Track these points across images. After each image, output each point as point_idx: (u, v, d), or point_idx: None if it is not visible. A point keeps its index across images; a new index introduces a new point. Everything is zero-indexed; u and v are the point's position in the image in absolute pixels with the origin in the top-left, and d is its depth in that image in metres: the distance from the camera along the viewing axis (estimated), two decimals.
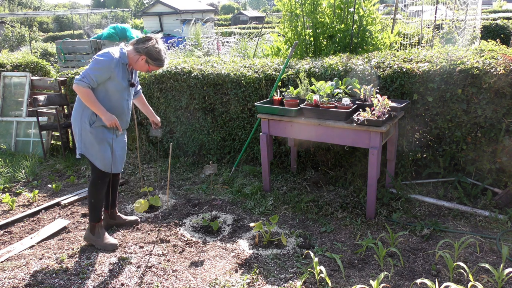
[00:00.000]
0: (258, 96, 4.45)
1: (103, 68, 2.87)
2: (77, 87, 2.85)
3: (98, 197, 3.17)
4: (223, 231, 3.42)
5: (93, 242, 3.21)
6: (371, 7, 5.31)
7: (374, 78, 3.88)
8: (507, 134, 3.50)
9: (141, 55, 2.98)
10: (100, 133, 3.04)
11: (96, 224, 3.21)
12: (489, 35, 11.44)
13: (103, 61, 2.87)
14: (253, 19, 31.95)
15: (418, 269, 2.76)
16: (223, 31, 15.73)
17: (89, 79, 2.86)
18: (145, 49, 2.95)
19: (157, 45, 2.99)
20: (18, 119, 5.89)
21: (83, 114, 3.01)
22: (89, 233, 3.23)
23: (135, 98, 3.44)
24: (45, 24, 39.08)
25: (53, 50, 15.89)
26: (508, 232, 3.13)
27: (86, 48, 10.44)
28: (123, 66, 2.99)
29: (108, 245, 3.16)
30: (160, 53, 3.00)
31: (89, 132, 3.01)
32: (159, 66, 3.04)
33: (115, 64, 2.91)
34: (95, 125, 3.01)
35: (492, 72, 3.35)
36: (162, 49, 3.02)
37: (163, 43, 3.07)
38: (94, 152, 3.05)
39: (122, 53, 2.98)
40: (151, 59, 2.98)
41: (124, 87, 3.03)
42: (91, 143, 3.03)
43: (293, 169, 4.45)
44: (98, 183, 3.15)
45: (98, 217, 3.21)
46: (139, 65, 3.03)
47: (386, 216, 3.45)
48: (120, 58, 2.95)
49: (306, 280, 2.69)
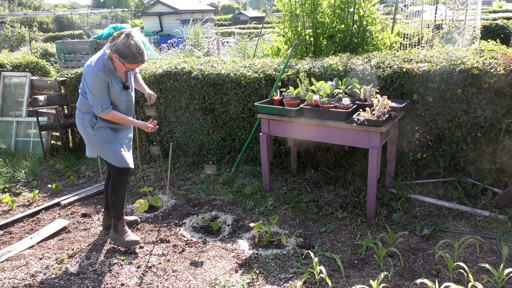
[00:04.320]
0: (258, 96, 4.45)
1: (99, 85, 2.80)
2: (106, 117, 2.91)
3: (119, 195, 3.15)
4: (223, 231, 3.42)
5: (116, 241, 3.19)
6: (371, 7, 5.31)
7: (374, 78, 3.87)
8: (507, 134, 3.50)
9: (114, 54, 2.78)
10: (104, 133, 3.02)
11: (118, 222, 3.19)
12: (489, 35, 11.43)
13: (93, 80, 2.79)
14: (253, 19, 31.93)
15: (418, 269, 2.76)
16: (223, 31, 15.73)
17: (103, 103, 2.85)
18: (114, 47, 2.75)
19: (125, 39, 2.72)
20: (18, 119, 5.89)
21: (84, 119, 3.01)
22: (113, 232, 3.22)
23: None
24: (45, 24, 39.08)
25: (53, 50, 15.88)
26: (508, 232, 3.13)
27: (86, 48, 10.45)
28: (110, 72, 2.86)
29: (129, 243, 3.13)
30: (130, 48, 2.72)
31: (93, 135, 3.01)
32: (133, 62, 2.78)
33: (103, 75, 2.80)
34: (96, 126, 2.99)
35: (492, 72, 3.35)
36: (133, 43, 2.73)
37: (139, 35, 2.81)
38: (105, 152, 3.06)
39: (105, 59, 2.82)
40: (121, 57, 2.75)
41: (120, 91, 2.97)
42: (99, 145, 3.05)
43: (293, 169, 4.45)
44: (117, 181, 3.13)
45: (119, 214, 3.19)
46: (116, 64, 2.85)
47: (386, 216, 3.45)
48: (104, 66, 2.81)
49: (306, 280, 2.69)
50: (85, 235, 3.45)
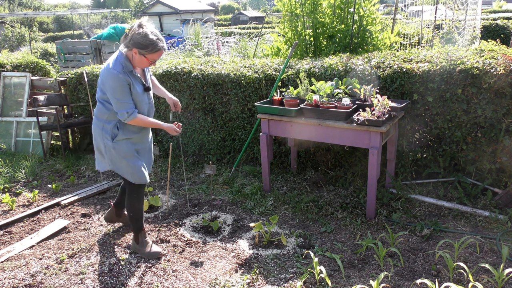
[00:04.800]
0: (258, 96, 4.45)
1: (121, 88, 2.63)
2: (132, 122, 2.73)
3: (136, 209, 3.03)
4: (223, 231, 3.42)
5: (137, 251, 3.10)
6: (371, 7, 5.31)
7: (374, 78, 3.87)
8: (507, 134, 3.49)
9: (132, 50, 2.61)
10: (124, 146, 2.84)
11: (139, 234, 3.09)
12: (489, 35, 11.43)
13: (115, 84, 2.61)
14: (253, 19, 31.94)
15: (418, 269, 2.76)
16: (223, 31, 15.72)
17: (128, 106, 2.67)
18: (130, 41, 2.58)
19: (139, 29, 2.57)
20: (18, 119, 5.89)
21: (104, 129, 2.81)
22: (134, 243, 3.12)
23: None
24: (45, 24, 39.08)
25: (53, 50, 15.89)
26: (508, 232, 3.13)
27: (86, 48, 10.44)
28: (130, 73, 2.69)
29: (152, 254, 3.04)
30: (147, 36, 2.56)
31: (112, 148, 2.82)
32: (154, 51, 2.60)
33: (124, 78, 2.63)
34: (117, 139, 2.81)
35: (492, 72, 3.35)
36: (148, 32, 2.57)
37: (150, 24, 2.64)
38: (122, 167, 2.88)
39: (123, 60, 2.66)
40: (142, 49, 2.57)
41: (142, 93, 2.78)
42: (117, 159, 2.85)
43: (293, 169, 4.45)
44: (133, 196, 2.99)
45: (139, 227, 3.09)
46: (137, 61, 2.67)
47: (386, 216, 3.45)
48: (123, 68, 2.65)
49: (306, 280, 2.69)
50: (85, 235, 3.45)
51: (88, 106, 5.56)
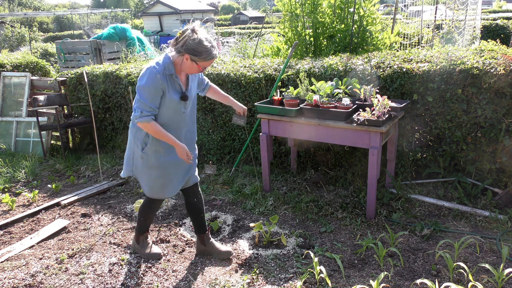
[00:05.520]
0: (258, 96, 4.45)
1: (151, 90, 2.45)
2: (141, 125, 2.50)
3: (148, 217, 2.99)
4: (223, 231, 3.42)
5: (137, 251, 3.09)
6: (371, 7, 5.31)
7: (374, 78, 3.87)
8: (507, 134, 3.49)
9: (184, 55, 2.44)
10: (152, 158, 2.66)
11: (140, 235, 3.08)
12: (489, 35, 11.44)
13: (148, 82, 2.44)
14: (253, 19, 31.96)
15: (418, 269, 2.76)
16: (223, 31, 15.73)
17: (148, 110, 2.47)
18: (183, 46, 2.42)
19: (194, 35, 2.41)
20: (18, 119, 5.89)
21: (136, 136, 2.67)
22: (134, 242, 3.12)
23: (205, 92, 3.00)
24: (45, 24, 39.09)
25: (53, 50, 15.88)
26: (508, 232, 3.13)
27: (86, 48, 10.44)
28: (170, 77, 2.52)
29: (151, 255, 3.03)
30: (202, 43, 2.40)
31: (140, 157, 2.68)
32: (208, 59, 2.45)
33: (161, 79, 2.45)
34: (146, 149, 2.65)
35: (492, 72, 3.35)
36: (203, 38, 2.41)
37: (203, 29, 2.49)
38: (143, 177, 2.76)
39: (167, 62, 2.49)
40: (195, 55, 2.42)
41: (177, 101, 2.56)
42: (141, 168, 2.73)
43: (293, 169, 4.45)
44: (149, 207, 2.94)
45: (143, 230, 3.07)
46: (187, 67, 2.50)
47: (386, 216, 3.45)
48: (165, 70, 2.48)
49: (306, 280, 2.68)
50: (85, 235, 3.45)
51: (88, 106, 5.56)
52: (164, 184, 2.75)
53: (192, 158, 2.64)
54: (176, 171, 2.76)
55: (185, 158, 2.58)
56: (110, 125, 5.69)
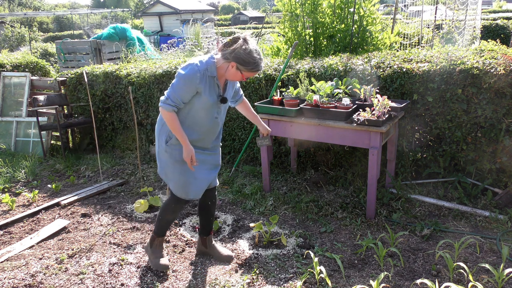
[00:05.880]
0: (258, 96, 4.45)
1: (186, 85, 2.45)
2: (162, 111, 2.50)
3: (167, 218, 2.89)
4: (223, 231, 3.42)
5: (147, 255, 2.99)
6: (371, 7, 5.31)
7: (374, 78, 3.87)
8: (507, 134, 3.49)
9: (230, 62, 2.45)
10: (176, 152, 2.62)
11: (156, 238, 2.96)
12: (489, 35, 11.43)
13: (186, 76, 2.44)
14: (253, 19, 31.96)
15: (418, 269, 2.76)
16: (223, 31, 15.73)
17: (174, 100, 2.47)
18: (232, 53, 2.43)
19: (245, 45, 2.44)
20: (18, 119, 5.89)
21: (162, 130, 2.65)
22: (148, 244, 2.99)
23: (237, 104, 2.97)
24: (45, 24, 39.08)
25: (53, 50, 15.89)
26: (508, 232, 3.13)
27: (86, 48, 10.44)
28: (210, 79, 2.50)
29: (159, 265, 2.89)
30: (251, 54, 2.43)
31: (164, 150, 2.65)
32: (253, 70, 2.48)
33: (199, 79, 2.44)
34: (171, 142, 2.62)
35: (492, 72, 3.35)
36: (253, 49, 2.45)
37: (253, 40, 2.52)
38: (168, 173, 2.71)
39: (210, 64, 2.49)
40: (241, 65, 2.44)
41: (212, 104, 2.55)
42: (166, 163, 2.68)
43: (293, 169, 4.45)
44: (172, 207, 2.82)
45: (162, 233, 2.95)
46: (230, 74, 2.51)
47: (386, 216, 3.45)
48: (207, 71, 2.47)
49: (306, 280, 2.68)
50: (85, 235, 3.45)
51: (88, 106, 5.55)
52: (187, 182, 2.69)
53: (197, 164, 2.62)
54: (200, 169, 2.71)
55: (188, 161, 2.56)
56: (110, 125, 5.69)
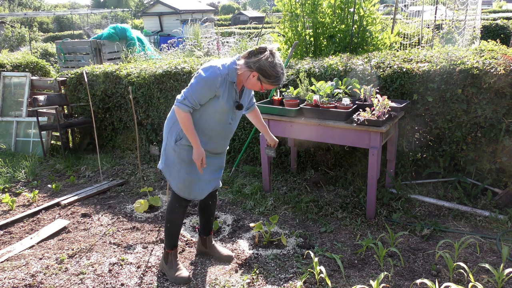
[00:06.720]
0: (258, 96, 4.45)
1: (205, 88, 2.43)
2: (177, 110, 2.48)
3: (174, 222, 2.78)
4: (223, 231, 3.42)
5: (164, 272, 2.86)
6: (371, 7, 5.31)
7: (374, 78, 3.88)
8: (507, 134, 3.49)
9: (252, 71, 2.45)
10: (184, 152, 2.61)
11: (169, 252, 2.83)
12: (489, 35, 11.43)
13: (207, 79, 2.41)
14: (253, 19, 31.94)
15: (418, 269, 2.76)
16: (223, 31, 15.72)
17: (191, 101, 2.45)
18: (256, 63, 2.43)
19: (271, 58, 2.44)
20: (18, 119, 5.89)
21: (172, 128, 2.64)
22: (163, 261, 2.88)
23: (249, 111, 2.95)
24: (45, 24, 39.09)
25: (53, 50, 15.89)
26: (508, 232, 3.13)
27: (86, 48, 10.44)
28: (230, 84, 2.50)
29: (178, 279, 2.76)
30: (275, 68, 2.44)
31: (172, 149, 2.63)
32: (274, 84, 2.49)
33: (220, 83, 2.43)
34: (180, 142, 2.60)
35: (492, 72, 3.35)
36: (278, 63, 2.46)
37: (278, 53, 2.54)
38: (172, 171, 2.67)
39: (232, 69, 2.48)
40: (263, 76, 2.44)
41: (228, 109, 2.54)
42: (172, 161, 2.66)
43: (293, 169, 4.45)
44: (175, 207, 2.75)
45: (172, 244, 2.82)
46: (250, 83, 2.51)
47: (386, 216, 3.45)
48: (228, 76, 2.46)
49: (306, 280, 2.69)
50: (85, 235, 3.45)
51: (88, 106, 5.55)
52: (192, 182, 2.68)
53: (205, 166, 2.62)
54: (204, 170, 2.69)
55: (198, 162, 2.56)
56: (110, 125, 5.69)
